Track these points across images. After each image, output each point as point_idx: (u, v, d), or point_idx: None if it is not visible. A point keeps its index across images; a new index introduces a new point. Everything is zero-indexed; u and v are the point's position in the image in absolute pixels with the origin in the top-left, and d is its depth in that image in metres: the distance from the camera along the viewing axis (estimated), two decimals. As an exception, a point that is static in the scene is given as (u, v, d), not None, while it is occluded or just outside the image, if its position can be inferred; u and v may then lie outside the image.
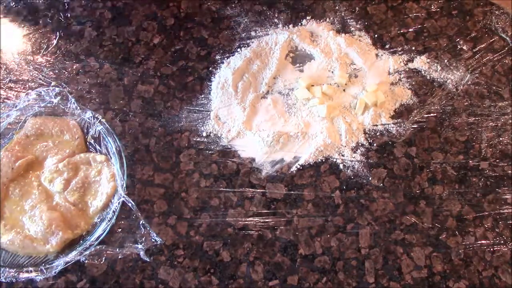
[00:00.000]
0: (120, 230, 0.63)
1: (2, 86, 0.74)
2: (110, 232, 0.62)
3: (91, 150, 0.69)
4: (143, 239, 0.62)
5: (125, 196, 0.63)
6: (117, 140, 0.67)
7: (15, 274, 0.59)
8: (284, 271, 0.62)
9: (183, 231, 0.64)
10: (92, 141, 0.69)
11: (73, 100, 0.69)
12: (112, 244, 0.62)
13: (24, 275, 0.59)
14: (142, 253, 0.61)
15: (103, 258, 0.61)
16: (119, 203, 0.63)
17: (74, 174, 0.66)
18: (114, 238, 0.63)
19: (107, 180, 0.65)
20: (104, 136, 0.68)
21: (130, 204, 0.62)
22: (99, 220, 0.64)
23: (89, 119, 0.69)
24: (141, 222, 0.62)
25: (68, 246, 0.62)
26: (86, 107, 0.70)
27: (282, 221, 0.65)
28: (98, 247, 0.61)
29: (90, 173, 0.66)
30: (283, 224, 0.65)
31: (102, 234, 0.61)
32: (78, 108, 0.69)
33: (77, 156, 0.67)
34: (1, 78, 0.75)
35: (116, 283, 0.61)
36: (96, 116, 0.69)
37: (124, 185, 0.64)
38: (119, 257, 0.61)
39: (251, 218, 0.65)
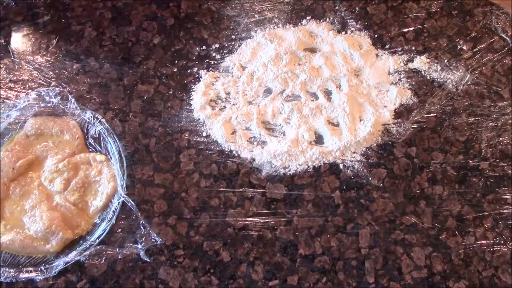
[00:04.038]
0: (120, 230, 0.63)
1: (2, 86, 0.74)
2: (110, 232, 0.62)
3: (91, 150, 0.69)
4: (143, 239, 0.62)
5: (125, 196, 0.63)
6: (117, 140, 0.67)
7: (15, 274, 0.59)
8: (284, 271, 0.62)
9: (183, 231, 0.64)
10: (92, 141, 0.69)
11: (73, 100, 0.69)
12: (112, 244, 0.62)
13: (24, 275, 0.59)
14: (142, 253, 0.61)
15: (103, 258, 0.61)
16: (119, 203, 0.63)
17: (74, 174, 0.66)
18: (114, 238, 0.63)
19: (107, 180, 0.65)
20: (104, 136, 0.68)
21: (130, 204, 0.62)
22: (99, 220, 0.64)
23: (89, 119, 0.69)
24: (141, 222, 0.62)
25: (68, 246, 0.62)
26: (86, 107, 0.70)
27: (282, 221, 0.65)
28: (98, 247, 0.61)
29: (90, 173, 0.66)
30: (283, 224, 0.65)
31: (102, 234, 0.61)
32: (78, 108, 0.69)
33: (77, 156, 0.67)
34: (1, 78, 0.75)
35: (116, 283, 0.61)
36: (96, 116, 0.69)
37: (124, 185, 0.64)
38: (119, 257, 0.61)
39: (251, 218, 0.65)
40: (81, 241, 0.62)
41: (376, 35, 0.79)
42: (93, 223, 0.64)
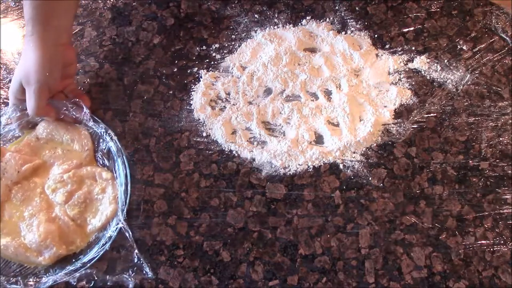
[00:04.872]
0: (113, 255, 0.62)
1: (2, 86, 0.74)
2: (103, 256, 0.61)
3: (98, 165, 0.68)
4: (135, 269, 0.61)
5: (124, 223, 0.61)
6: (125, 162, 0.66)
7: (4, 283, 0.59)
8: (284, 271, 0.62)
9: (183, 231, 0.64)
10: (100, 156, 0.68)
11: (87, 111, 0.68)
12: (103, 268, 0.61)
13: (12, 286, 0.59)
14: (131, 286, 0.60)
15: (92, 283, 0.60)
16: (116, 228, 0.61)
17: (78, 187, 0.65)
18: (107, 263, 0.61)
19: (109, 201, 0.64)
20: (113, 155, 0.66)
21: (127, 234, 0.61)
22: (94, 239, 0.62)
23: (101, 133, 0.67)
24: (135, 252, 0.61)
25: (60, 260, 0.61)
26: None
27: (282, 221, 0.65)
28: (88, 271, 0.60)
29: (94, 189, 0.65)
30: (283, 224, 0.65)
31: (95, 258, 0.60)
32: (91, 119, 0.68)
33: (83, 168, 0.66)
34: (1, 78, 0.75)
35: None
36: (108, 132, 0.67)
37: (125, 211, 0.62)
38: (108, 283, 0.60)
39: (251, 218, 0.65)
40: (73, 259, 0.61)
41: (376, 35, 0.79)
42: (89, 241, 0.63)
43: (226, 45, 0.78)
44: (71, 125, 0.69)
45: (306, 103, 0.73)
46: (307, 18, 0.80)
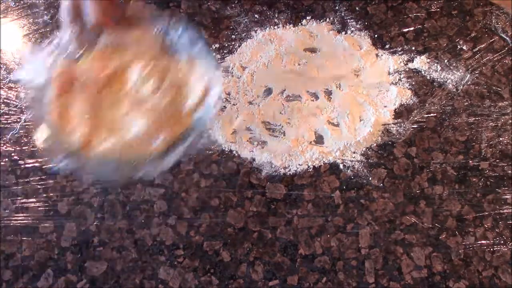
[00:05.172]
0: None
1: (2, 86, 0.74)
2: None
3: (173, 54, 0.64)
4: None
5: (221, 86, 0.59)
6: (199, 34, 0.62)
7: (132, 174, 0.56)
8: (284, 271, 0.62)
9: (183, 231, 0.64)
10: (173, 45, 0.64)
11: (147, 5, 0.64)
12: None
13: (140, 172, 0.56)
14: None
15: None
16: (216, 98, 0.59)
17: (161, 79, 0.62)
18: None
19: (197, 80, 0.61)
20: (185, 41, 0.63)
21: (224, 95, 0.59)
22: (197, 118, 0.60)
23: (167, 25, 0.63)
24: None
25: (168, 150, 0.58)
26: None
27: (282, 221, 0.65)
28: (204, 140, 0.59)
29: (177, 76, 0.62)
30: (283, 224, 0.65)
31: (203, 132, 0.58)
32: (154, 13, 0.64)
33: (160, 62, 0.63)
34: (1, 78, 0.75)
35: (116, 283, 0.61)
36: (173, 19, 0.63)
37: (220, 73, 0.60)
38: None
39: (251, 218, 0.65)
40: (182, 140, 0.58)
41: (376, 35, 0.79)
42: (192, 121, 0.60)
43: (226, 45, 0.78)
44: (134, 26, 0.65)
45: (306, 103, 0.73)
46: (307, 18, 0.80)
